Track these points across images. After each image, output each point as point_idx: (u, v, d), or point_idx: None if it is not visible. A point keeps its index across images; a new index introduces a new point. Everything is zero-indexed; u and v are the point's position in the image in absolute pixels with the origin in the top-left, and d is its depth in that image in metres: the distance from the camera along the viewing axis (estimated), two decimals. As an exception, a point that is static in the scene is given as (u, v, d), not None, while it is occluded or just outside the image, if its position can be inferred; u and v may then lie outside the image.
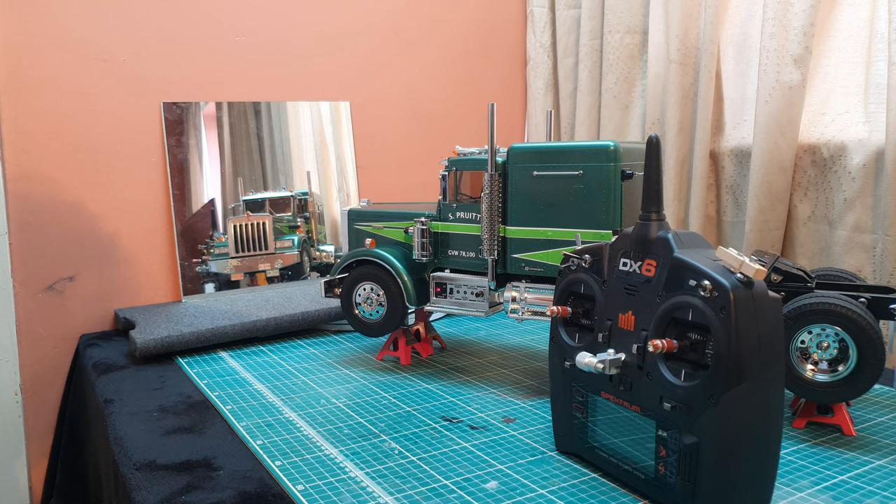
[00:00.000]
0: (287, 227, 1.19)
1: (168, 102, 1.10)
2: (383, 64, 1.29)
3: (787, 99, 0.96)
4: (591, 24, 1.27)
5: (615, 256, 0.54)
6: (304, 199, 1.20)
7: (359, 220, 0.85)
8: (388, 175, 1.30)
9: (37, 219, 1.02)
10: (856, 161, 0.92)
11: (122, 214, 1.08)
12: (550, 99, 1.39)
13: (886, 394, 0.71)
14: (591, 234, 0.68)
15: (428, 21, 1.32)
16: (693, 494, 0.46)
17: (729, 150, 1.10)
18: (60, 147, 1.03)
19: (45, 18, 1.01)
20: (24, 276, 1.01)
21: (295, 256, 1.19)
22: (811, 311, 0.58)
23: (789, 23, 0.95)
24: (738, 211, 1.09)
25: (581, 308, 0.58)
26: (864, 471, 0.54)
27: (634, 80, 1.24)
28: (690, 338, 0.47)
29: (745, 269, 0.43)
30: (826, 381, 0.59)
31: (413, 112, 1.32)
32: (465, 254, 0.77)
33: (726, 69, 1.11)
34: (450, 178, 0.77)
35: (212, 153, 1.14)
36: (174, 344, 0.88)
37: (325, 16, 1.22)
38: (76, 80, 1.03)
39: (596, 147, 0.68)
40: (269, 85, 1.18)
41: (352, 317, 0.82)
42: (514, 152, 0.72)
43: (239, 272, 1.14)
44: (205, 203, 1.13)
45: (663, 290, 0.49)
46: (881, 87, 0.91)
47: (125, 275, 1.08)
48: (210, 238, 1.13)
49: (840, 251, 0.94)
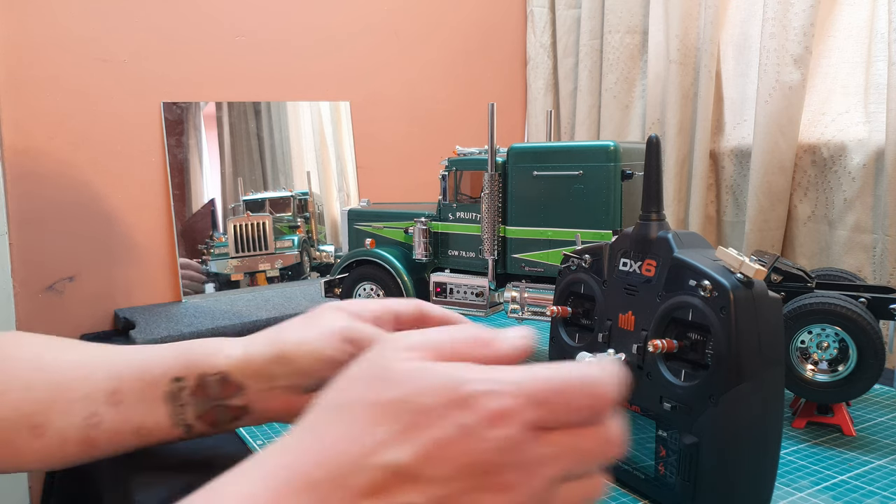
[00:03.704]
0: (287, 227, 1.19)
1: (168, 102, 1.10)
2: (383, 64, 1.29)
3: (787, 99, 0.96)
4: (591, 24, 1.27)
5: (615, 256, 0.54)
6: (304, 199, 1.20)
7: (359, 220, 0.85)
8: (388, 175, 1.30)
9: (37, 219, 1.02)
10: (856, 161, 0.92)
11: (122, 214, 1.08)
12: (550, 99, 1.39)
13: (886, 394, 0.71)
14: (591, 234, 0.68)
15: (428, 21, 1.32)
16: (693, 494, 0.46)
17: (729, 150, 1.10)
18: (60, 147, 1.03)
19: (45, 18, 1.01)
20: (24, 276, 1.01)
21: (295, 256, 1.19)
22: (811, 311, 0.58)
23: (789, 23, 0.95)
24: (738, 211, 1.09)
25: (581, 308, 0.58)
26: (864, 471, 0.54)
27: (634, 80, 1.24)
28: (690, 338, 0.47)
29: (745, 269, 0.43)
30: (826, 381, 0.59)
31: (413, 112, 1.32)
32: (465, 254, 0.77)
33: (726, 69, 1.11)
34: (450, 178, 0.77)
35: (212, 153, 1.14)
36: (174, 344, 0.88)
37: (325, 16, 1.22)
38: (76, 80, 1.03)
39: (596, 147, 0.68)
40: (269, 85, 1.18)
41: (352, 317, 0.82)
42: (514, 152, 0.72)
43: (239, 272, 1.14)
44: (205, 203, 1.13)
45: (663, 290, 0.49)
46: (881, 87, 0.91)
47: (125, 275, 1.08)
48: (210, 238, 1.13)
49: (840, 251, 0.94)
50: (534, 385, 0.30)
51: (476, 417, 0.29)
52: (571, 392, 0.31)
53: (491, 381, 0.30)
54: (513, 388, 0.30)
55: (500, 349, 0.34)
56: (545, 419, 0.30)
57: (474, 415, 0.29)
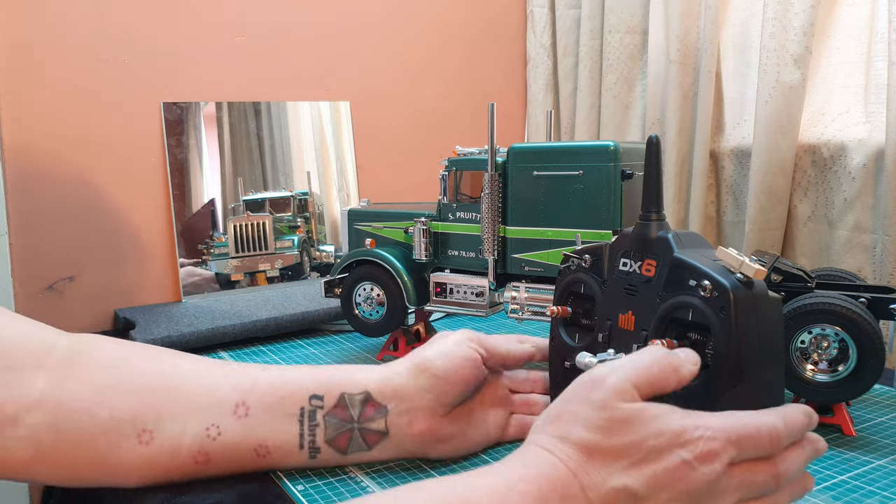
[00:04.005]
0: (287, 227, 1.19)
1: (168, 102, 1.10)
2: (383, 64, 1.29)
3: (787, 99, 0.96)
4: (591, 24, 1.27)
5: (615, 256, 0.54)
6: (304, 199, 1.20)
7: (359, 220, 0.85)
8: (388, 175, 1.30)
9: (37, 219, 1.02)
10: (856, 161, 0.92)
11: (122, 214, 1.08)
12: (550, 99, 1.39)
13: (886, 394, 0.71)
14: (592, 234, 0.68)
15: (428, 21, 1.32)
16: (693, 494, 0.46)
17: (729, 150, 1.10)
18: (60, 147, 1.03)
19: (45, 18, 1.01)
20: (24, 276, 1.01)
21: (295, 256, 1.19)
22: (811, 311, 0.58)
23: (789, 23, 0.95)
24: (738, 211, 1.09)
25: (581, 308, 0.58)
26: (864, 471, 0.54)
27: (634, 80, 1.24)
28: (690, 338, 0.47)
29: (745, 269, 0.43)
30: (826, 381, 0.59)
31: (413, 112, 1.32)
32: (465, 254, 0.77)
33: (726, 69, 1.11)
34: (450, 178, 0.77)
35: (212, 153, 1.14)
36: (174, 344, 0.88)
37: (324, 16, 1.22)
38: (76, 80, 1.03)
39: (596, 147, 0.68)
40: (269, 85, 1.18)
41: (352, 317, 0.82)
42: (514, 152, 0.72)
43: (239, 272, 1.14)
44: (205, 203, 1.13)
45: (663, 290, 0.49)
46: (881, 87, 0.91)
47: (125, 275, 1.08)
48: (210, 238, 1.13)
49: (840, 251, 0.94)
50: (734, 431, 0.40)
51: (693, 455, 0.39)
52: (759, 437, 0.40)
53: (703, 428, 0.40)
54: (720, 434, 0.39)
55: (684, 374, 0.43)
56: (735, 457, 0.40)
57: (691, 454, 0.39)
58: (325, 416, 0.52)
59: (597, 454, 0.39)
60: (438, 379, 0.53)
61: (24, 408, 0.47)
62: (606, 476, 0.39)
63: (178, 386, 0.51)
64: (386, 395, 0.53)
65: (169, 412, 0.50)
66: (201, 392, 0.51)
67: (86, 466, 0.49)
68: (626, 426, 0.40)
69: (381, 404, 0.53)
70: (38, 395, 0.48)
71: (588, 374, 0.43)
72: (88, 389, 0.49)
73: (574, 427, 0.40)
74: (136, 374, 0.51)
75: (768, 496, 0.42)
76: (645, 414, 0.40)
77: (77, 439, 0.48)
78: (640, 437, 0.39)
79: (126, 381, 0.50)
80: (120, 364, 0.51)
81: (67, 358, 0.50)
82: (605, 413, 0.40)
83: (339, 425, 0.52)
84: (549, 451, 0.40)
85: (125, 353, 0.53)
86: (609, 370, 0.42)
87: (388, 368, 0.55)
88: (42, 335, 0.52)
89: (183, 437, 0.50)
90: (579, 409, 0.41)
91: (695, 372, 0.44)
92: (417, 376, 0.54)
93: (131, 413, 0.49)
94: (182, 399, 0.50)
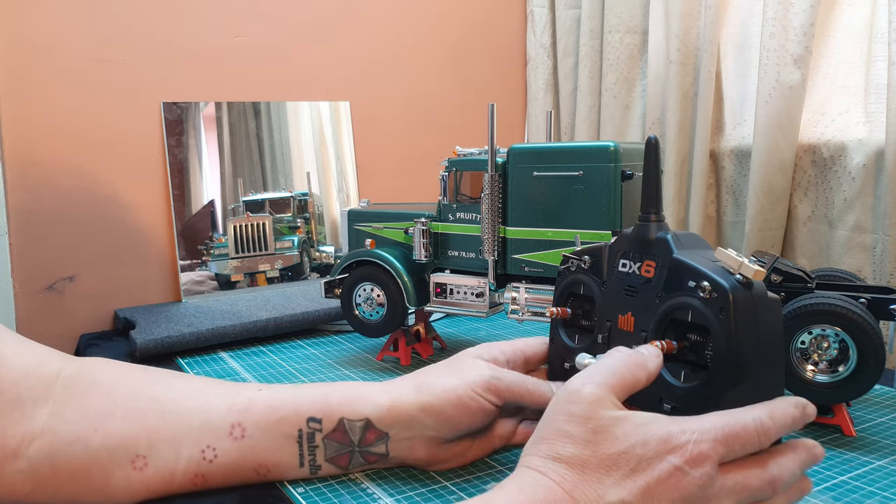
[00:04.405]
0: (287, 227, 1.19)
1: (168, 102, 1.10)
2: (383, 64, 1.29)
3: (786, 99, 0.96)
4: (591, 25, 1.27)
5: (614, 257, 0.54)
6: (304, 199, 1.20)
7: (359, 221, 0.85)
8: (388, 175, 1.30)
9: (37, 219, 1.02)
10: (856, 161, 0.92)
11: (122, 214, 1.08)
12: (550, 99, 1.39)
13: (886, 394, 0.71)
14: (591, 235, 0.68)
15: (428, 21, 1.32)
16: (693, 495, 0.46)
17: (729, 150, 1.10)
18: (60, 147, 1.03)
19: (45, 18, 1.01)
20: (24, 276, 1.01)
21: (295, 257, 1.19)
22: (811, 312, 0.58)
23: (789, 23, 0.95)
24: (738, 211, 1.09)
25: (580, 309, 0.58)
26: (865, 471, 0.54)
27: (634, 80, 1.24)
28: (690, 339, 0.47)
29: (745, 270, 0.43)
30: (826, 381, 0.59)
31: (413, 112, 1.32)
32: (465, 254, 0.77)
33: (726, 69, 1.11)
34: (450, 178, 0.77)
35: (212, 153, 1.14)
36: (174, 344, 0.88)
37: (324, 16, 1.22)
38: (76, 80, 1.03)
39: (596, 147, 0.68)
40: (269, 85, 1.18)
41: (352, 317, 0.82)
42: (514, 153, 0.72)
43: (239, 273, 1.14)
44: (205, 203, 1.13)
45: (662, 291, 0.49)
46: (881, 87, 0.91)
47: (125, 275, 1.08)
48: (210, 239, 1.13)
49: (840, 251, 0.94)
50: (720, 430, 0.40)
51: (684, 460, 0.39)
52: (746, 433, 0.41)
53: (689, 432, 0.40)
54: (707, 435, 0.40)
55: (651, 368, 0.44)
56: (725, 456, 0.40)
57: (681, 458, 0.39)
58: (325, 438, 0.52)
59: (589, 468, 0.39)
60: (444, 423, 0.52)
61: (25, 441, 0.48)
62: (602, 492, 0.39)
63: (173, 409, 0.51)
64: (387, 423, 0.52)
65: (162, 436, 0.49)
66: (195, 413, 0.51)
67: (83, 496, 0.49)
68: (611, 434, 0.40)
69: (383, 431, 0.53)
70: (39, 427, 0.48)
71: (563, 389, 0.43)
72: (83, 418, 0.49)
73: (562, 444, 0.40)
74: (129, 398, 0.51)
75: (765, 502, 0.42)
76: (629, 422, 0.40)
77: (72, 470, 0.48)
78: (627, 445, 0.40)
79: (120, 406, 0.50)
80: (114, 389, 0.51)
81: (68, 386, 0.51)
82: (588, 425, 0.40)
83: (340, 447, 0.53)
84: (542, 474, 0.40)
85: (120, 376, 0.53)
86: (581, 382, 0.42)
87: (390, 394, 0.53)
88: (49, 364, 0.52)
89: (178, 461, 0.49)
90: (563, 426, 0.41)
91: (660, 364, 0.45)
92: (422, 412, 0.52)
93: (125, 440, 0.49)
94: (175, 422, 0.50)
